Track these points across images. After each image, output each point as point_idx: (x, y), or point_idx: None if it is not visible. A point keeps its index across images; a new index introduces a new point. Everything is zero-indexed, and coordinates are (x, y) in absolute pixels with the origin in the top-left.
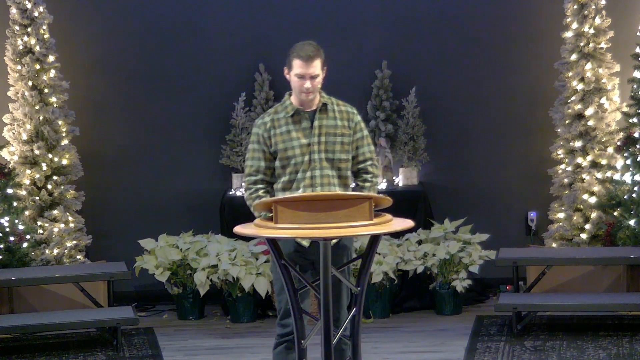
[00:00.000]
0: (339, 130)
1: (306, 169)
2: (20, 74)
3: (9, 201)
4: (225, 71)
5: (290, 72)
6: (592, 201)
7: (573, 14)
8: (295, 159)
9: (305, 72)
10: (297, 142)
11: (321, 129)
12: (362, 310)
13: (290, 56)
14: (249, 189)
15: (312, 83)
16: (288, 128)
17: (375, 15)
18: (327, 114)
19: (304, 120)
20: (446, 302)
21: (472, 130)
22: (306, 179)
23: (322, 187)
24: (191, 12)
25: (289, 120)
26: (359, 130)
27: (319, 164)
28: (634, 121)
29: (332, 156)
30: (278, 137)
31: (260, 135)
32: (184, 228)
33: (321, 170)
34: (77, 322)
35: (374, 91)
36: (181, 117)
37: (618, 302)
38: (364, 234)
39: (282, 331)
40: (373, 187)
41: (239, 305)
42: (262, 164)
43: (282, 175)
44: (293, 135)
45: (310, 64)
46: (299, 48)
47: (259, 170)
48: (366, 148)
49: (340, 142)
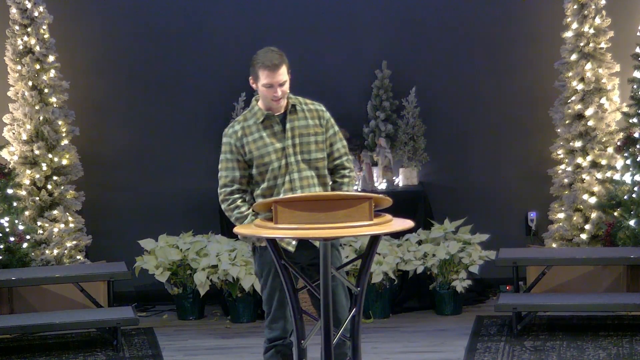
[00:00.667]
0: (312, 130)
1: (284, 172)
2: (20, 74)
3: (9, 201)
4: (225, 71)
5: (257, 82)
6: (592, 201)
7: (573, 14)
8: (272, 165)
9: (273, 81)
10: (272, 147)
11: (294, 131)
12: (362, 310)
13: (255, 66)
14: (225, 200)
15: (281, 90)
16: (260, 134)
17: (375, 16)
18: (297, 114)
19: (275, 125)
20: (446, 302)
21: (472, 130)
22: (285, 183)
23: (302, 190)
24: (191, 12)
25: (259, 127)
26: (330, 127)
27: (297, 166)
28: (634, 121)
29: (309, 157)
30: (252, 145)
31: (233, 145)
32: (184, 228)
33: (299, 173)
34: (77, 322)
35: (374, 91)
36: (181, 117)
37: (618, 302)
38: (364, 234)
39: (270, 335)
40: (351, 181)
41: (239, 305)
42: (236, 174)
43: (260, 183)
44: (267, 141)
45: (277, 72)
46: (262, 57)
47: (234, 180)
48: (339, 144)
49: (315, 141)
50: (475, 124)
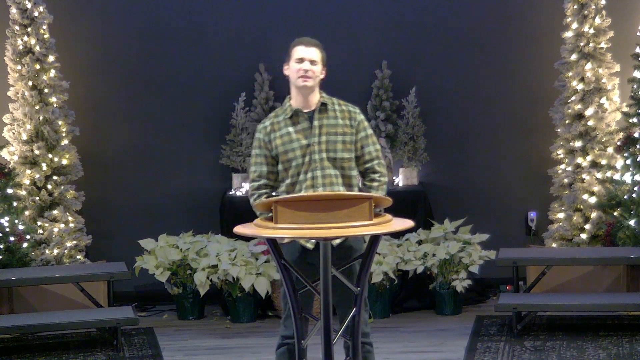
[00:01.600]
0: (340, 129)
1: (307, 169)
2: (20, 74)
3: (9, 201)
4: (225, 71)
5: (290, 62)
6: (592, 201)
7: (573, 14)
8: (296, 160)
9: (304, 55)
10: (297, 143)
11: (321, 129)
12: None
13: (290, 48)
14: (252, 194)
15: (311, 68)
16: (288, 130)
17: (375, 16)
18: (327, 113)
19: (303, 121)
20: (446, 302)
21: (472, 130)
22: (307, 180)
23: (324, 188)
24: (191, 12)
25: (288, 122)
26: (362, 130)
27: (320, 163)
28: (634, 121)
29: (334, 155)
30: (278, 140)
31: (261, 140)
32: (184, 228)
33: (322, 170)
34: (77, 322)
35: (374, 91)
36: (181, 117)
37: (618, 302)
38: (364, 234)
39: (284, 332)
40: (381, 186)
41: (239, 305)
42: (264, 169)
43: (285, 178)
44: (293, 137)
45: (310, 48)
46: (298, 39)
47: (261, 175)
48: (372, 147)
49: (342, 140)
50: (475, 124)
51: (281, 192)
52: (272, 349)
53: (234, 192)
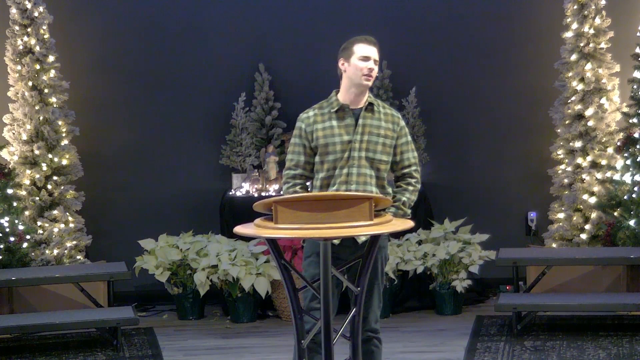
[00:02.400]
0: (382, 132)
1: (344, 165)
2: (20, 74)
3: (9, 201)
4: (225, 71)
5: (350, 59)
6: (592, 201)
7: (573, 14)
8: (335, 155)
9: (370, 54)
10: (339, 138)
11: (365, 128)
12: (362, 310)
13: (351, 44)
14: (287, 182)
15: (374, 67)
16: (331, 123)
17: (375, 16)
18: (373, 113)
19: (348, 117)
20: (446, 302)
21: (472, 130)
22: (342, 175)
23: (357, 185)
24: (191, 12)
25: (332, 116)
26: (403, 136)
27: (357, 161)
28: (634, 121)
29: (373, 156)
30: (320, 132)
31: (303, 130)
32: (184, 228)
33: (358, 169)
34: (77, 322)
35: (374, 91)
36: (181, 117)
37: (618, 302)
38: (364, 234)
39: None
40: (415, 191)
41: (239, 305)
42: (301, 158)
43: (320, 171)
44: (335, 131)
45: (374, 47)
46: (359, 37)
47: (298, 164)
48: (411, 154)
49: (382, 143)
50: (475, 124)
51: (316, 187)
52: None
53: (234, 192)
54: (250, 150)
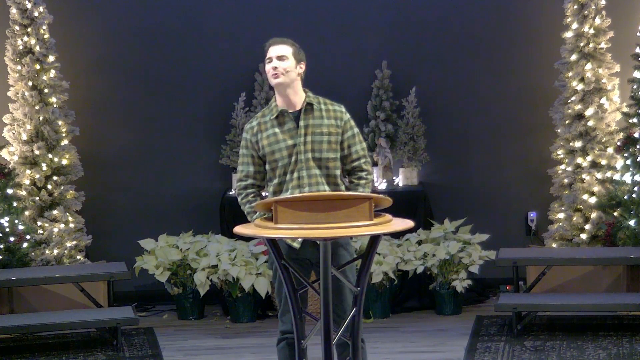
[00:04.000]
0: (326, 129)
1: (293, 169)
2: (20, 74)
3: (9, 201)
4: (225, 71)
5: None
6: (592, 201)
7: (573, 14)
8: (283, 161)
9: (271, 54)
10: (284, 143)
11: (307, 129)
12: (362, 310)
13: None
14: (239, 194)
15: (280, 64)
16: (274, 130)
17: (375, 16)
18: (313, 113)
19: (289, 121)
20: (446, 302)
21: (472, 130)
22: (293, 179)
23: (310, 187)
24: (191, 12)
25: (274, 122)
26: (349, 129)
27: (305, 164)
28: (634, 121)
29: (319, 155)
30: (264, 141)
31: (248, 140)
32: (184, 228)
33: (308, 170)
34: (77, 322)
35: (374, 91)
36: (181, 117)
37: (618, 302)
38: (364, 234)
39: (282, 327)
40: (368, 184)
41: (239, 305)
42: (251, 169)
43: (272, 179)
44: (279, 137)
45: (277, 46)
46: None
47: (248, 175)
48: (358, 146)
49: (327, 141)
50: (476, 124)
51: (270, 193)
52: (272, 349)
53: (234, 192)
54: None
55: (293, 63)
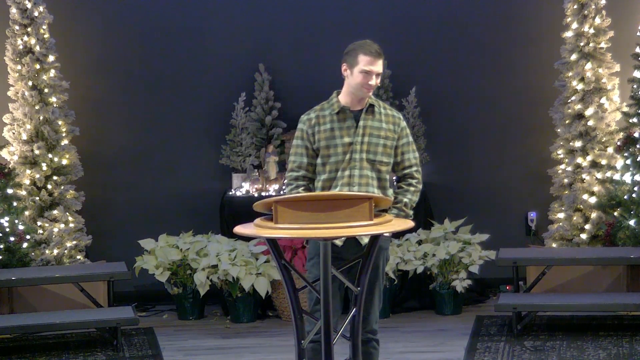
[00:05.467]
0: (383, 133)
1: (346, 167)
2: (20, 74)
3: (9, 201)
4: (225, 71)
5: (354, 68)
6: (592, 201)
7: (573, 14)
8: (336, 157)
9: (372, 69)
10: (340, 140)
11: (365, 129)
12: (362, 310)
13: (355, 51)
14: (289, 184)
15: (377, 81)
16: (332, 125)
17: (375, 16)
18: (374, 115)
19: (349, 119)
20: (446, 302)
21: (472, 130)
22: (344, 177)
23: (359, 187)
24: (191, 12)
25: (334, 118)
26: (404, 136)
27: (359, 163)
28: (634, 121)
29: (374, 157)
30: (321, 134)
31: (304, 131)
32: (184, 228)
33: (360, 170)
34: (77, 322)
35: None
36: (181, 117)
37: (618, 302)
38: (364, 234)
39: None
40: (417, 192)
41: (239, 305)
42: (304, 160)
43: (322, 173)
44: (336, 134)
45: (378, 60)
46: (365, 45)
47: (300, 166)
48: (412, 154)
49: (383, 144)
50: (476, 124)
51: (318, 187)
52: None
53: (234, 192)
54: (250, 150)
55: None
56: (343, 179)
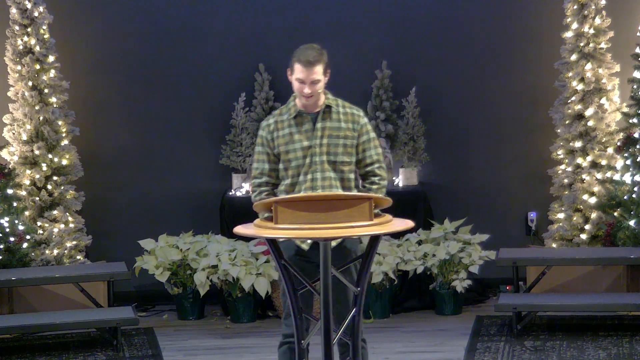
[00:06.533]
0: (342, 133)
1: (307, 171)
2: (20, 74)
3: (9, 201)
4: (225, 71)
5: (292, 76)
6: (592, 201)
7: (573, 14)
8: (297, 161)
9: (305, 77)
10: (299, 144)
11: (324, 131)
12: (362, 310)
13: (293, 59)
14: (254, 191)
15: (312, 88)
16: (290, 130)
17: (375, 15)
18: (331, 115)
19: (306, 122)
20: (446, 302)
21: (472, 130)
22: (307, 181)
23: (323, 190)
24: (191, 12)
25: (291, 122)
26: (365, 133)
27: (320, 166)
28: (634, 121)
29: (334, 158)
30: (280, 140)
31: (264, 138)
32: (184, 228)
33: (322, 173)
34: (77, 322)
35: (374, 91)
36: (181, 117)
37: (618, 302)
38: (364, 234)
39: (286, 331)
40: (380, 189)
41: (239, 305)
42: (266, 166)
43: (285, 178)
44: (295, 138)
45: (311, 69)
46: (300, 52)
47: (263, 172)
48: (373, 151)
49: (343, 144)
50: (476, 124)
51: (281, 191)
52: (272, 349)
53: (234, 192)
54: (250, 150)
55: (322, 81)
56: (306, 182)
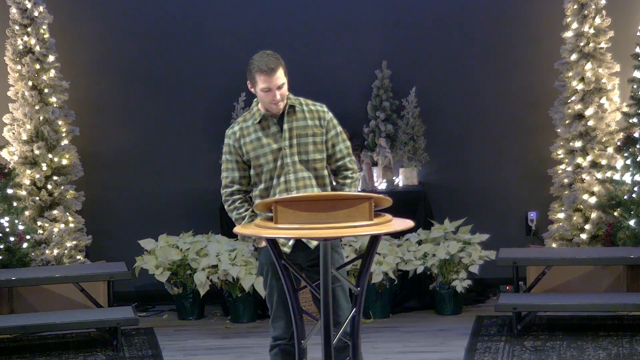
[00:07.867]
0: (310, 130)
1: (280, 173)
2: (20, 74)
3: (9, 201)
4: (225, 71)
5: (256, 87)
6: (592, 201)
7: (573, 14)
8: (268, 165)
9: (270, 85)
10: (268, 148)
11: (292, 132)
12: (362, 310)
13: (252, 71)
14: (226, 201)
15: (280, 93)
16: (257, 135)
17: (375, 16)
18: (296, 115)
19: (273, 125)
20: (446, 302)
21: (472, 130)
22: (281, 184)
23: (298, 191)
24: (191, 12)
25: (257, 127)
26: (332, 128)
27: (293, 167)
28: (634, 121)
29: (307, 157)
30: (248, 146)
31: (231, 146)
32: (184, 228)
33: (295, 174)
34: (77, 322)
35: (374, 91)
36: (181, 117)
37: (618, 302)
38: (364, 234)
39: (274, 333)
40: (354, 183)
41: (239, 305)
42: (236, 174)
43: (258, 184)
44: (263, 142)
45: (274, 75)
46: (258, 61)
47: (233, 181)
48: (342, 145)
49: (313, 142)
50: (476, 124)
51: (255, 197)
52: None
53: None
54: None
55: (286, 83)
56: (279, 185)
